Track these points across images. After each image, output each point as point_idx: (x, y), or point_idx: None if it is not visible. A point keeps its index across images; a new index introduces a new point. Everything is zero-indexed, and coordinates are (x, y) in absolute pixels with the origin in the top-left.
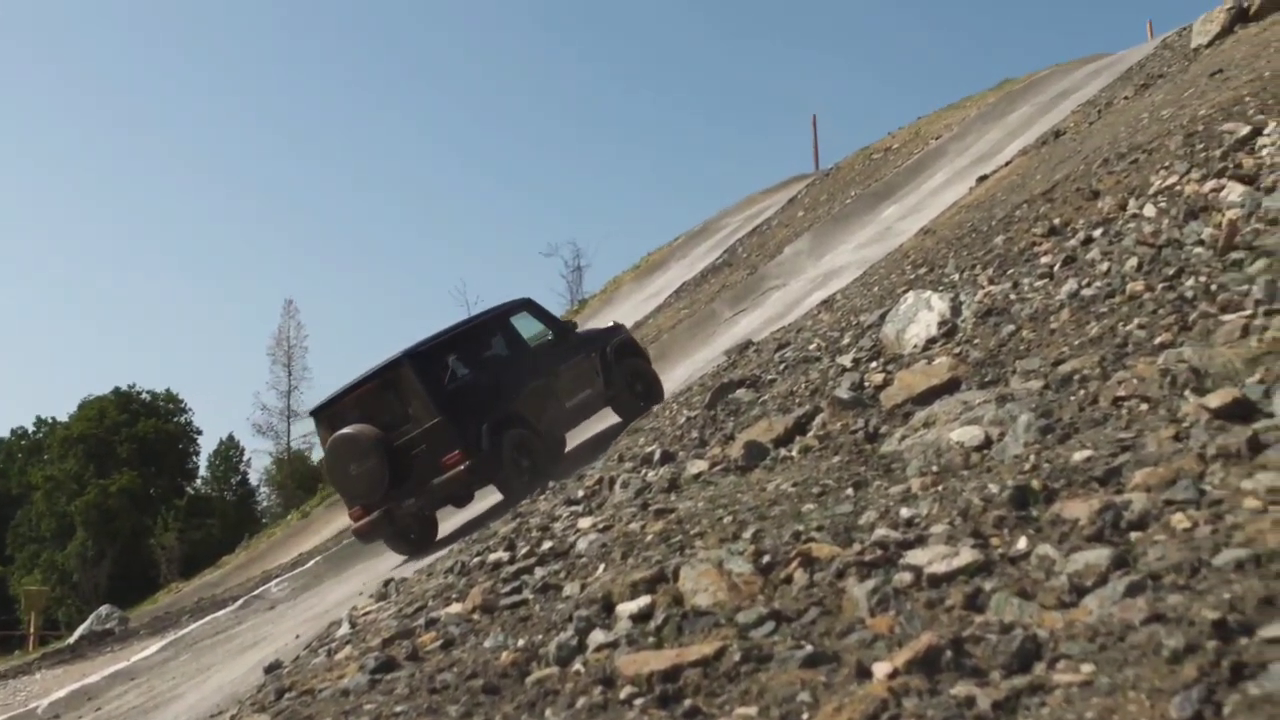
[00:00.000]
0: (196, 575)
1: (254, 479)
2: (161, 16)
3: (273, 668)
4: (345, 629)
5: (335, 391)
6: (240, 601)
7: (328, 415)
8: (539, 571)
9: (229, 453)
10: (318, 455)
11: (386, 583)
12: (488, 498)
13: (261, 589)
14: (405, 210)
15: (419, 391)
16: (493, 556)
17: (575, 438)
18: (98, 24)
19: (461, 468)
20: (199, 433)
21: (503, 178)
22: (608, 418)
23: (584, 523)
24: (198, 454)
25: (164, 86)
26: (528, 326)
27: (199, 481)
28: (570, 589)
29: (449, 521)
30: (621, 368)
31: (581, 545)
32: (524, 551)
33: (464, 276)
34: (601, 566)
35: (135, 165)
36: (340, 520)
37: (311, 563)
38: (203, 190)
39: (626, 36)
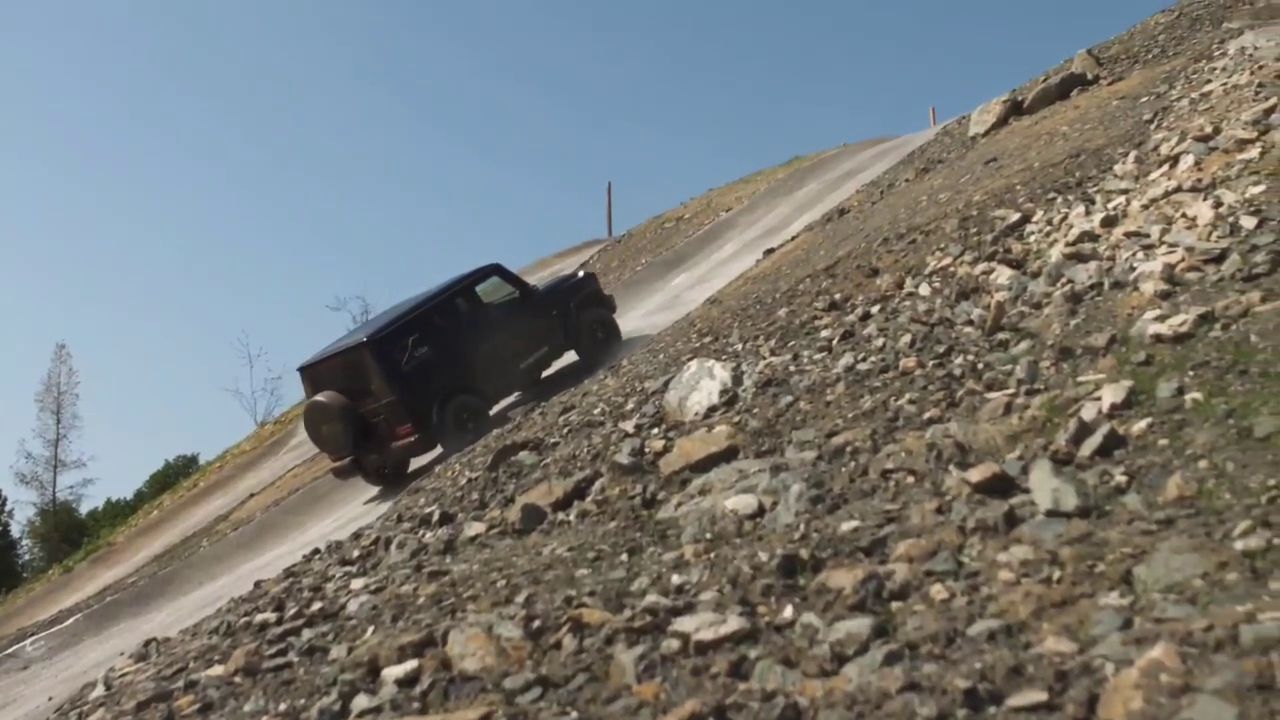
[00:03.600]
0: None
1: (15, 531)
2: None
3: None
4: (100, 691)
5: (319, 354)
6: None
7: (311, 373)
8: (306, 633)
9: None
10: (85, 506)
11: (147, 643)
12: None
13: (15, 647)
14: (188, 254)
15: (377, 372)
16: (260, 617)
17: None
18: None
19: (412, 439)
20: None
21: (291, 225)
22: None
23: (356, 584)
24: None
25: None
26: (493, 288)
27: None
28: (337, 652)
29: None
30: (585, 318)
31: (352, 607)
32: (292, 612)
33: (247, 327)
34: (371, 629)
35: None
36: (104, 577)
37: (71, 620)
38: None
39: (425, 87)
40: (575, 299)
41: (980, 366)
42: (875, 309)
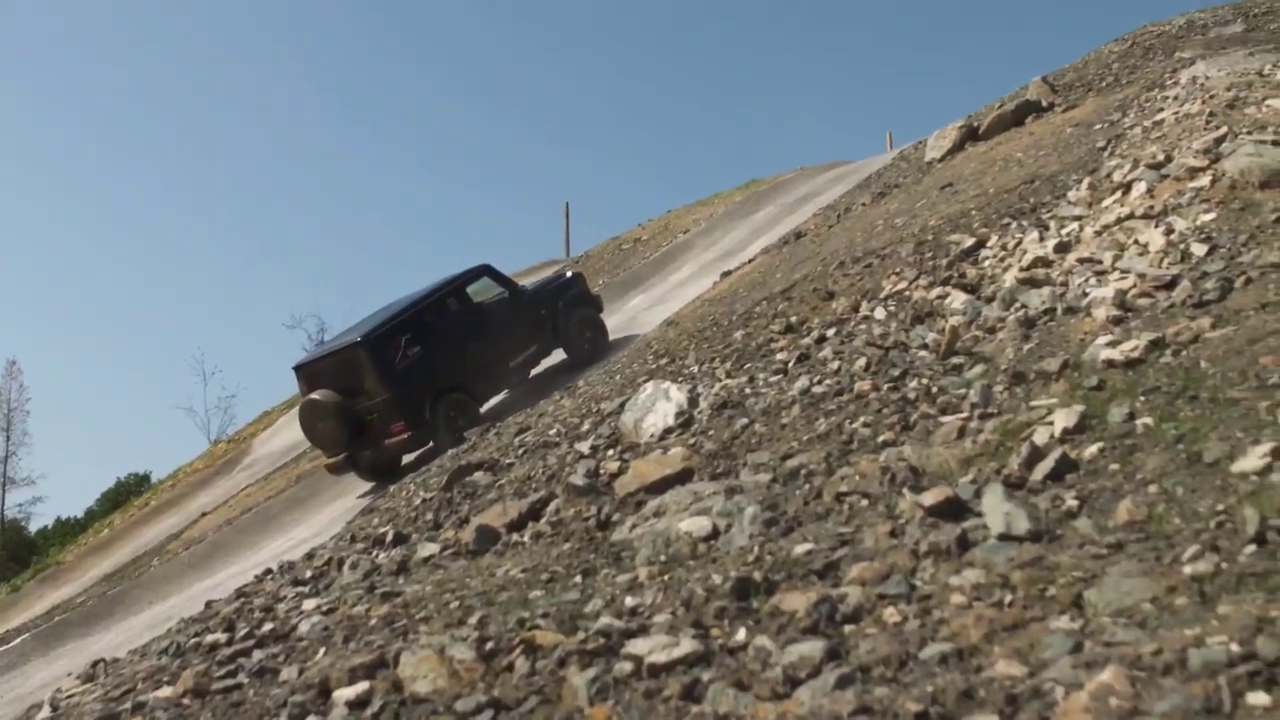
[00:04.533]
0: None
1: None
2: None
3: None
4: (46, 712)
5: (313, 354)
6: None
7: (306, 372)
8: (257, 654)
9: None
10: (35, 525)
11: (95, 663)
12: None
13: None
14: (142, 271)
15: (372, 371)
16: (210, 638)
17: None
18: None
19: (405, 436)
20: None
21: (246, 242)
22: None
23: (309, 604)
24: None
25: None
26: (483, 288)
27: None
28: (288, 673)
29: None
30: (573, 318)
31: (304, 627)
32: (243, 633)
33: (201, 345)
34: (322, 650)
35: None
36: (53, 596)
37: (18, 640)
38: None
39: (382, 105)
40: (563, 299)
41: (934, 390)
42: (831, 332)
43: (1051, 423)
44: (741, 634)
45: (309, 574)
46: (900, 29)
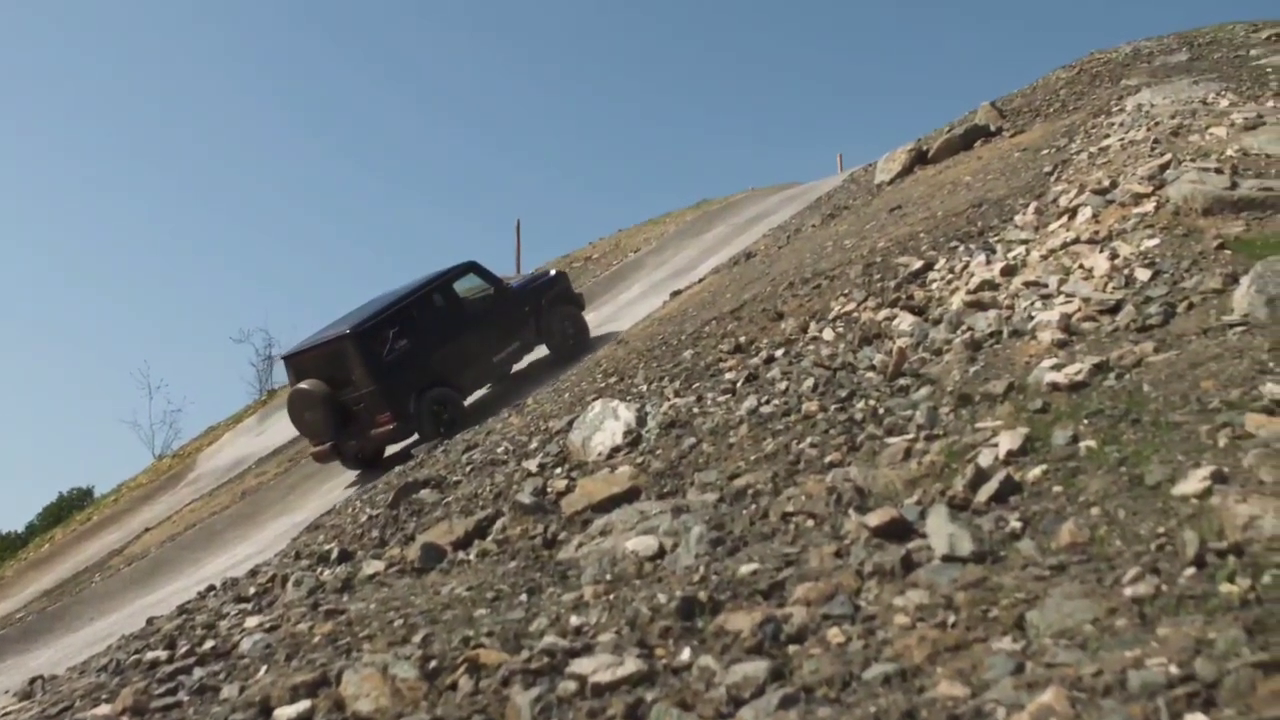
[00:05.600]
0: None
1: None
2: None
3: None
4: None
5: (301, 344)
6: None
7: (295, 363)
8: (198, 672)
9: None
10: None
11: (33, 680)
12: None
13: None
14: (84, 282)
15: (359, 363)
16: (150, 655)
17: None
18: None
19: (390, 427)
20: None
21: (193, 255)
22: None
23: (251, 621)
24: None
25: None
26: (469, 285)
27: None
28: (229, 691)
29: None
30: (555, 314)
31: (246, 645)
32: (184, 650)
33: (147, 358)
34: (264, 668)
35: None
36: None
37: None
38: None
39: (334, 116)
40: (546, 296)
41: (881, 411)
42: (779, 352)
43: (996, 445)
44: (686, 654)
45: (252, 591)
46: (852, 51)
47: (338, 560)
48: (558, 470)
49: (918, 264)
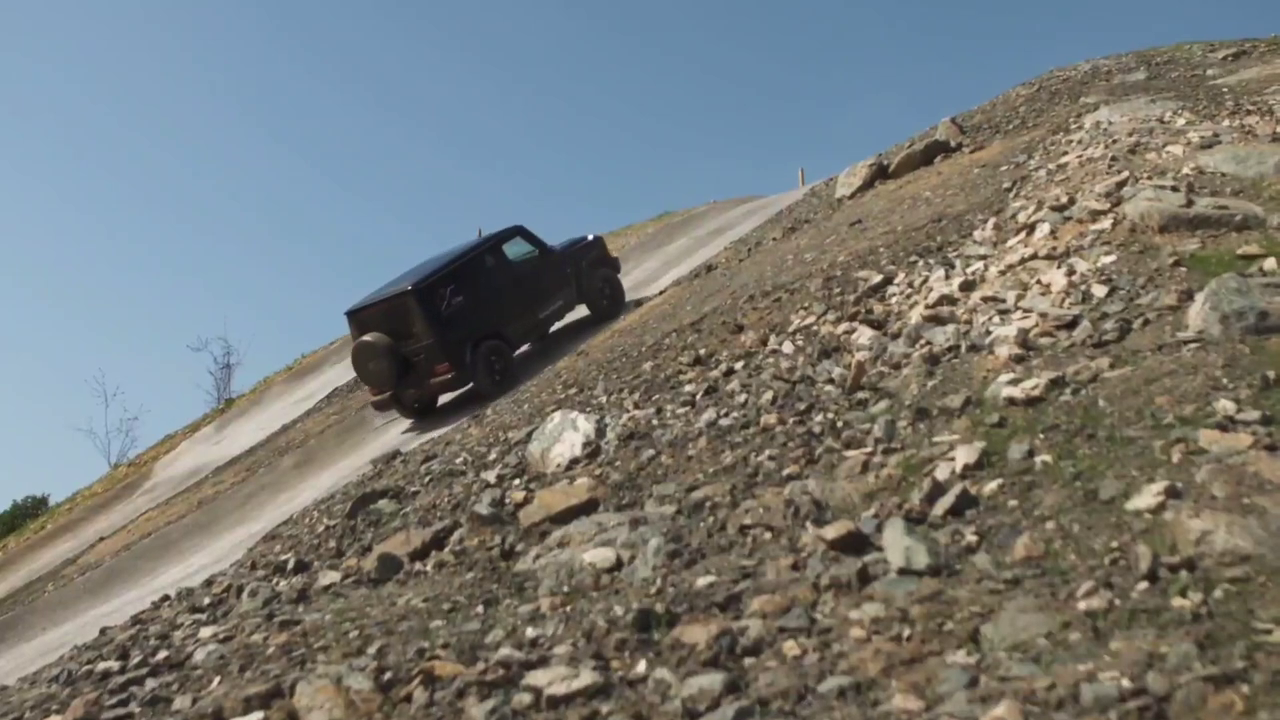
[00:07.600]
0: None
1: None
2: None
3: None
4: None
5: (364, 300)
6: None
7: (358, 318)
8: (150, 683)
9: None
10: None
11: None
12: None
13: None
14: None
15: (419, 317)
16: (102, 665)
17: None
18: None
19: (448, 376)
20: None
21: (150, 263)
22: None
23: (205, 632)
24: None
25: None
26: (517, 247)
27: None
28: (181, 702)
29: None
30: (594, 277)
31: (199, 656)
32: (136, 661)
33: (103, 366)
34: (217, 679)
35: None
36: None
37: None
38: None
39: (293, 123)
40: (586, 259)
41: (840, 425)
42: (739, 365)
43: (953, 459)
44: (642, 666)
45: (207, 601)
46: (814, 65)
47: (294, 571)
48: (516, 481)
49: (877, 278)
